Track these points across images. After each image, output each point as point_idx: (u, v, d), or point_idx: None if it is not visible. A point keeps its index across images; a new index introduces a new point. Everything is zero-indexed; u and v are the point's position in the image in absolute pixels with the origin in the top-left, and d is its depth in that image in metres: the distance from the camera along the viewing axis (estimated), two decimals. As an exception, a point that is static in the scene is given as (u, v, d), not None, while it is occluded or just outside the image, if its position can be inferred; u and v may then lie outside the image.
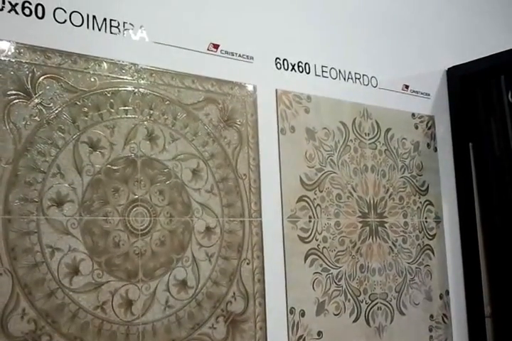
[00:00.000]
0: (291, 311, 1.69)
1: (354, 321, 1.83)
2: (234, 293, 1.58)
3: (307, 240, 1.75)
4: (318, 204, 1.79)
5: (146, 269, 1.43)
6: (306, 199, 1.76)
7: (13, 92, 1.30)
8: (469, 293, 2.15)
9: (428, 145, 2.14)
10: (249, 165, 1.66)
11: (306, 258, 1.74)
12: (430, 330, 2.03)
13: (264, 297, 1.63)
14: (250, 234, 1.63)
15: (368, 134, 1.96)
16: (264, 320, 1.63)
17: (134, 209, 1.43)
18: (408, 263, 2.00)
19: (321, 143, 1.82)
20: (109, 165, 1.41)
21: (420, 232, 2.06)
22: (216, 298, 1.54)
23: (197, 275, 1.52)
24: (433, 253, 2.09)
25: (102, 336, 1.34)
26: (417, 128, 2.11)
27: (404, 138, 2.06)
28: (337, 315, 1.79)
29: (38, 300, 1.27)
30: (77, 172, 1.35)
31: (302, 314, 1.71)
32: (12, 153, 1.27)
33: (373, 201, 1.93)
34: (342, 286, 1.81)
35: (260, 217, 1.66)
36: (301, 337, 1.70)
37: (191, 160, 1.55)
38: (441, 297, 2.08)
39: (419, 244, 2.05)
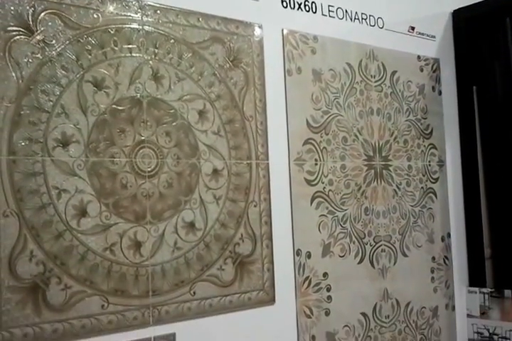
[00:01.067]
0: (297, 253, 1.64)
1: (359, 263, 1.79)
2: (241, 235, 1.53)
3: (313, 183, 1.69)
4: (324, 147, 1.72)
5: (154, 211, 1.37)
6: (312, 142, 1.69)
7: (14, 28, 1.21)
8: (470, 236, 2.12)
9: (433, 88, 2.06)
10: (256, 106, 1.58)
11: (312, 201, 1.68)
12: (432, 272, 2.01)
13: (271, 239, 1.59)
14: (257, 176, 1.57)
15: (374, 76, 1.87)
16: (272, 262, 1.58)
17: (141, 150, 1.36)
18: (411, 206, 1.95)
19: (328, 85, 1.75)
20: (114, 106, 1.33)
21: (424, 175, 2.00)
22: (224, 240, 1.49)
23: (205, 217, 1.46)
24: (436, 196, 2.04)
25: (111, 277, 1.29)
26: (422, 70, 2.03)
27: (409, 81, 1.98)
28: (342, 256, 1.75)
29: (46, 242, 1.22)
30: (81, 113, 1.28)
31: (308, 256, 1.66)
32: (15, 92, 1.19)
33: (378, 144, 1.87)
34: (347, 229, 1.76)
35: (267, 159, 1.59)
36: (307, 278, 1.66)
37: (197, 101, 1.47)
38: (442, 239, 2.05)
39: (422, 187, 2.00)
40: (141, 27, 1.39)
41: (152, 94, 1.39)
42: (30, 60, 1.22)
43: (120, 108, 1.34)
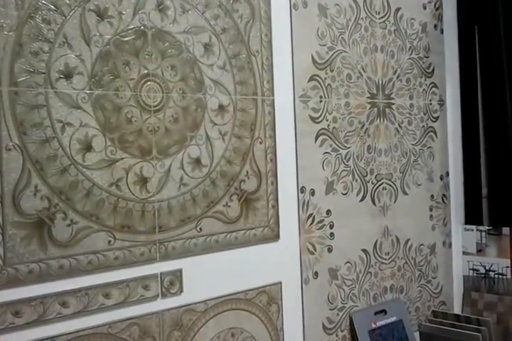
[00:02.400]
0: (301, 190, 1.58)
1: (361, 200, 1.74)
2: (247, 172, 1.46)
3: (318, 120, 1.62)
4: (329, 84, 1.64)
5: (159, 146, 1.29)
6: (317, 78, 1.61)
7: (11, -49, 1.10)
8: (467, 175, 2.07)
9: (435, 26, 1.97)
10: (262, 41, 1.49)
11: (316, 139, 1.61)
12: (431, 210, 1.96)
13: (276, 176, 1.52)
14: (263, 113, 1.49)
15: (379, 13, 1.77)
16: (276, 199, 1.52)
17: (146, 84, 1.27)
18: (412, 144, 1.89)
19: (333, 20, 1.65)
20: (118, 37, 1.23)
21: (425, 114, 1.93)
22: (230, 177, 1.43)
23: (211, 153, 1.39)
24: (436, 135, 1.97)
25: (117, 213, 1.23)
26: (425, 8, 1.93)
27: (412, 19, 1.88)
28: (345, 194, 1.69)
29: (51, 176, 1.14)
30: (85, 43, 1.18)
31: (312, 193, 1.61)
32: (15, 20, 1.09)
33: (382, 82, 1.79)
34: (350, 166, 1.70)
35: (272, 95, 1.51)
36: (310, 215, 1.60)
37: (203, 34, 1.37)
38: (441, 178, 2.00)
39: (423, 126, 1.93)
40: (144, -46, 1.28)
41: (157, 26, 1.29)
42: (29, -14, 1.11)
43: (124, 39, 1.24)
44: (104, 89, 1.21)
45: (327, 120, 1.63)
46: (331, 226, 1.65)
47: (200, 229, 1.37)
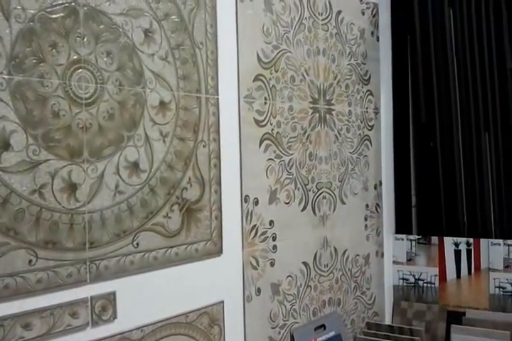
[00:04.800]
0: (245, 199, 1.33)
1: (302, 210, 1.50)
2: (189, 179, 1.19)
3: (262, 124, 1.37)
4: (273, 86, 1.40)
5: (92, 147, 1.00)
6: (262, 78, 1.36)
7: None
8: (398, 184, 1.89)
9: (372, 33, 1.78)
10: (207, 32, 1.22)
11: (260, 144, 1.37)
12: (365, 219, 1.76)
13: (219, 184, 1.26)
14: (207, 113, 1.23)
15: (321, 14, 1.56)
16: (220, 209, 1.26)
17: (77, 71, 0.98)
18: (350, 152, 1.68)
19: (278, 17, 1.41)
20: (44, 12, 0.93)
21: (361, 122, 1.73)
22: (171, 184, 1.15)
23: (150, 157, 1.11)
24: (371, 144, 1.78)
25: (40, 227, 0.92)
26: (363, 14, 1.74)
27: (352, 24, 1.68)
28: (287, 203, 1.45)
29: (-45, 181, 0.83)
30: (3, 18, 0.87)
31: (256, 202, 1.35)
32: None
33: (323, 86, 1.57)
34: (293, 174, 1.46)
35: (217, 94, 1.25)
36: (254, 226, 1.35)
37: (143, 18, 1.09)
38: (375, 187, 1.80)
39: (359, 134, 1.73)
40: None
41: (90, 3, 1.00)
42: None
43: (52, 16, 0.94)
44: (26, 74, 0.90)
45: (271, 124, 1.39)
46: (274, 239, 1.41)
47: (137, 244, 1.08)
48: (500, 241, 1.70)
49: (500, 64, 1.75)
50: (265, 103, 1.37)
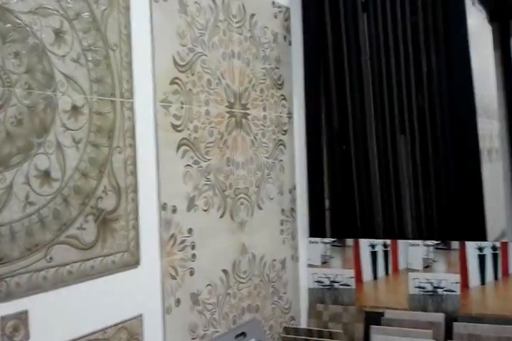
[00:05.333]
0: (163, 207, 1.28)
1: (221, 216, 1.48)
2: (105, 187, 1.13)
3: (179, 129, 1.33)
4: (190, 89, 1.36)
5: (-1, 155, 0.93)
6: (178, 82, 1.33)
7: None
8: (312, 188, 1.91)
9: (285, 37, 1.79)
10: (121, 33, 1.17)
11: (178, 149, 1.33)
12: (281, 224, 1.76)
13: (136, 192, 1.20)
14: (122, 117, 1.17)
15: (235, 16, 1.54)
16: (137, 218, 1.21)
17: (-19, 73, 0.90)
18: (266, 157, 1.68)
19: (193, 19, 1.38)
20: None
21: (276, 127, 1.73)
22: (85, 193, 1.08)
23: (62, 164, 1.04)
24: (285, 148, 1.79)
25: None
26: (276, 17, 1.74)
27: (265, 27, 1.68)
28: (206, 210, 1.42)
29: None
30: None
31: (174, 210, 1.31)
32: None
33: (239, 91, 1.55)
34: (211, 180, 1.44)
35: (132, 98, 1.20)
36: (172, 235, 1.31)
37: (53, 17, 1.02)
38: (290, 191, 1.81)
39: (274, 139, 1.73)
40: None
41: (-5, 0, 0.93)
42: None
43: (-49, 12, 0.86)
44: None
45: (188, 129, 1.36)
46: (193, 247, 1.37)
47: (51, 258, 1.01)
48: (420, 241, 1.75)
49: (416, 67, 1.81)
50: (182, 107, 1.33)
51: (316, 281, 1.89)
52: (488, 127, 2.06)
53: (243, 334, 1.54)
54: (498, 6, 2.44)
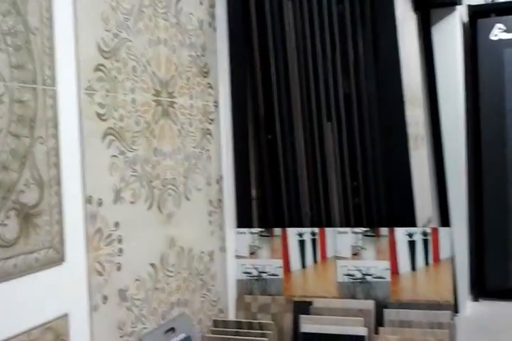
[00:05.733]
0: (88, 200, 1.25)
1: (148, 209, 1.45)
2: (27, 181, 1.08)
3: (104, 117, 1.29)
4: (115, 77, 1.33)
5: None
6: (103, 68, 1.29)
7: None
8: (238, 177, 1.91)
9: (210, 24, 1.77)
10: (42, 17, 1.12)
11: (103, 139, 1.29)
12: (209, 215, 1.76)
13: (60, 184, 1.17)
14: (44, 106, 1.12)
15: (161, 2, 1.51)
16: (61, 212, 1.17)
17: None
18: (193, 147, 1.66)
19: (118, 3, 1.33)
20: None
21: (203, 116, 1.72)
22: (6, 187, 1.04)
23: (-19, 157, 0.99)
24: (212, 137, 1.78)
25: None
26: (201, 4, 1.71)
27: (191, 13, 1.66)
28: (133, 203, 1.39)
29: None
30: None
31: (100, 203, 1.28)
32: None
33: (165, 78, 1.53)
34: (138, 171, 1.41)
35: (54, 85, 1.15)
36: (98, 229, 1.28)
37: (-32, -3, 0.97)
38: (217, 182, 1.81)
39: (202, 128, 1.71)
40: None
41: None
42: None
43: None
44: None
45: (114, 118, 1.32)
46: (120, 241, 1.35)
47: (-30, 257, 0.97)
48: (348, 229, 1.80)
49: (342, 54, 1.84)
50: (107, 95, 1.30)
51: (244, 272, 1.90)
52: (414, 114, 2.14)
53: (172, 329, 1.53)
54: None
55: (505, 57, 2.98)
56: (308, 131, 1.89)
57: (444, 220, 2.83)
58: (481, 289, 3.09)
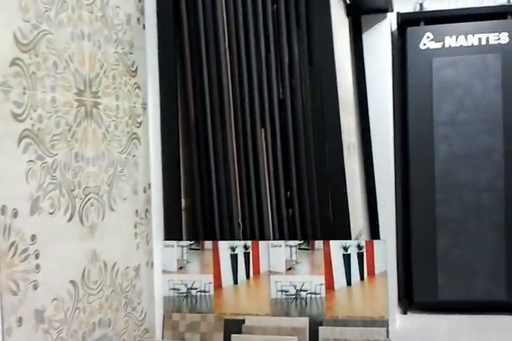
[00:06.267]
0: (2, 211, 1.14)
1: (68, 220, 1.35)
2: None
3: (21, 118, 1.19)
4: (33, 72, 1.22)
5: None
6: (20, 63, 1.18)
7: None
8: (167, 186, 1.83)
9: (138, 20, 1.69)
10: (-50, 0, 1.02)
11: (19, 142, 1.19)
12: (135, 227, 1.67)
13: (-31, 193, 1.06)
14: (-49, 102, 1.02)
15: (86, -7, 1.42)
16: (-30, 225, 1.06)
17: None
18: (119, 152, 1.57)
19: (38, -9, 1.25)
20: None
21: (130, 118, 1.63)
22: None
23: None
24: (140, 142, 1.69)
25: None
26: (129, -3, 1.64)
27: (118, 7, 1.57)
28: (52, 213, 1.29)
29: None
30: None
31: (15, 214, 1.17)
32: None
33: (89, 77, 1.43)
34: (57, 178, 1.30)
35: (-36, 79, 1.05)
36: (13, 243, 1.17)
37: None
38: (144, 190, 1.72)
39: (128, 132, 1.62)
40: None
41: None
42: None
43: None
44: None
45: (31, 118, 1.22)
46: (37, 256, 1.24)
47: None
48: (282, 242, 1.75)
49: (277, 58, 1.80)
50: (24, 93, 1.20)
51: (172, 289, 1.82)
52: (346, 122, 2.13)
53: (94, 352, 1.43)
54: (352, 1, 2.55)
55: (433, 66, 3.05)
56: (241, 138, 1.83)
57: (374, 233, 2.85)
58: (409, 302, 3.14)
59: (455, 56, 3.02)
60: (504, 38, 3.00)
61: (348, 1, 2.49)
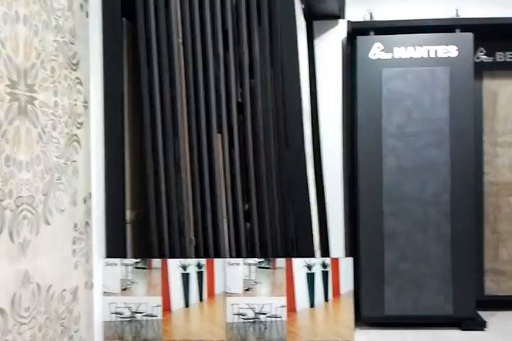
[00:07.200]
0: None
1: (-4, 236, 1.12)
2: None
3: None
4: (-45, 55, 1.00)
5: None
6: None
7: None
8: (110, 196, 1.61)
9: (81, 7, 1.47)
10: None
11: None
12: (74, 243, 1.43)
13: None
14: None
15: (22, -33, 1.20)
16: None
17: None
18: (56, 157, 1.34)
19: (-36, -43, 1.02)
20: None
21: (69, 118, 1.41)
22: None
23: None
24: (80, 146, 1.46)
25: None
26: (72, -20, 1.42)
27: (59, -11, 1.36)
28: (-25, 228, 1.06)
29: None
30: None
31: None
32: None
33: (24, 66, 1.21)
34: (-17, 186, 1.07)
35: None
36: None
37: None
38: (85, 201, 1.49)
39: (67, 133, 1.40)
40: None
41: None
42: None
43: None
44: None
45: (-48, 111, 0.99)
46: (-45, 281, 1.00)
47: None
48: (240, 260, 1.56)
49: (236, 57, 1.63)
50: None
51: (114, 312, 1.59)
52: (307, 129, 1.97)
53: None
54: (306, 5, 2.41)
55: (383, 77, 2.95)
56: (196, 143, 1.64)
57: (325, 249, 2.70)
58: (356, 318, 2.99)
59: (404, 67, 2.94)
60: (453, 51, 2.94)
61: (302, 5, 2.35)
